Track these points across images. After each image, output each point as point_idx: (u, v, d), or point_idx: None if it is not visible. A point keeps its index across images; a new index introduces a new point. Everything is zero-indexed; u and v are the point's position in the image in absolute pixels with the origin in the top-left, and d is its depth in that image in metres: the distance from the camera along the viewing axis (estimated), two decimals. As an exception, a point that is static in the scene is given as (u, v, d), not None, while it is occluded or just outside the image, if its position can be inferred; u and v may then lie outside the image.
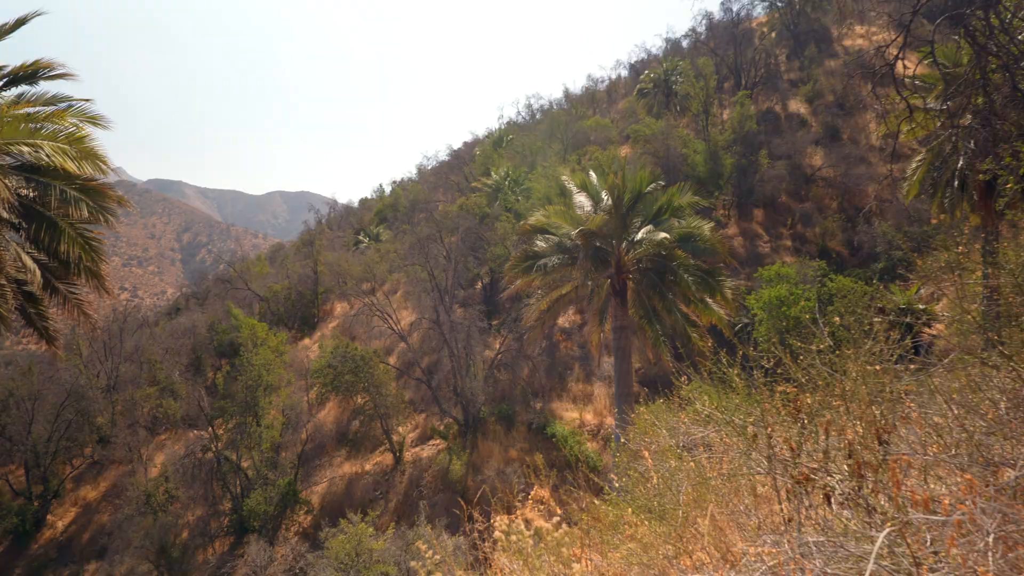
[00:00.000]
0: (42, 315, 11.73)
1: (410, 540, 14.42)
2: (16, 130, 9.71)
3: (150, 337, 39.29)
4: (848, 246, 30.73)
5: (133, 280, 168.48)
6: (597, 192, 17.68)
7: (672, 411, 6.00)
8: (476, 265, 32.71)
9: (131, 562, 21.37)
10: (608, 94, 64.70)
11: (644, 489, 4.45)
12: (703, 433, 4.51)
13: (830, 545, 2.77)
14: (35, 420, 28.82)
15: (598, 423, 23.48)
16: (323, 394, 26.69)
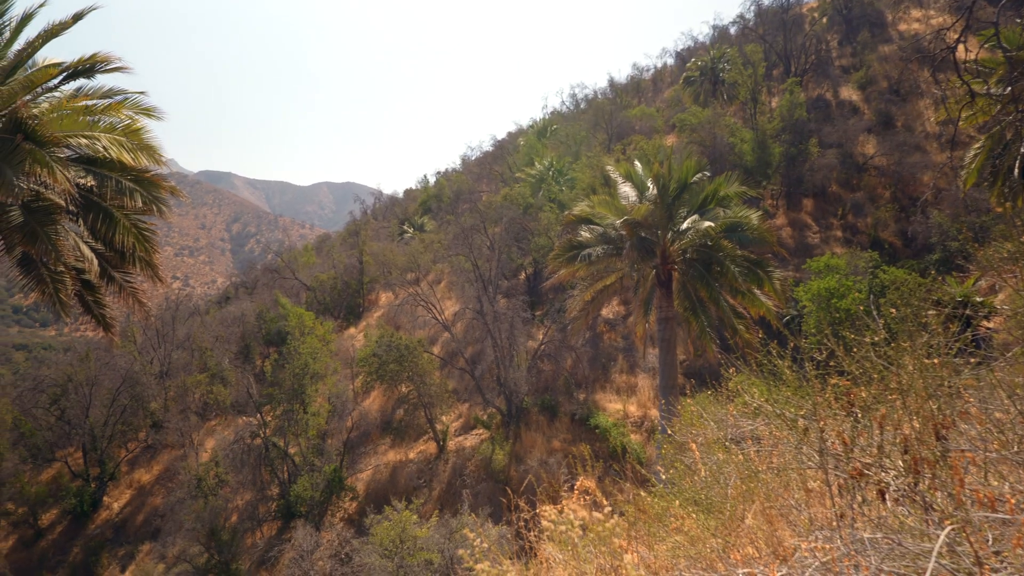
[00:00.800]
0: (99, 303, 12.08)
1: (453, 528, 14.52)
2: (75, 123, 10.00)
3: (201, 325, 40.25)
4: (902, 237, 29.90)
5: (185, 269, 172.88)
6: (642, 182, 17.49)
7: (719, 403, 5.91)
8: (519, 255, 32.71)
9: (183, 544, 21.94)
10: (654, 83, 63.93)
11: (691, 482, 4.39)
12: (752, 426, 4.42)
13: (886, 542, 2.69)
14: (92, 405, 29.79)
15: (642, 415, 23.33)
16: (368, 383, 27.03)
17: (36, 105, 10.33)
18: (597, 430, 22.24)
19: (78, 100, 10.56)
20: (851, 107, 40.10)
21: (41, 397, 32.73)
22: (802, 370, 4.26)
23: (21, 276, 10.97)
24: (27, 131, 9.47)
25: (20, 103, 9.58)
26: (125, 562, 25.02)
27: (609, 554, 3.71)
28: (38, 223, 9.49)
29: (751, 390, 4.78)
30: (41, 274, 10.30)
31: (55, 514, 29.27)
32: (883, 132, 36.22)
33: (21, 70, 10.61)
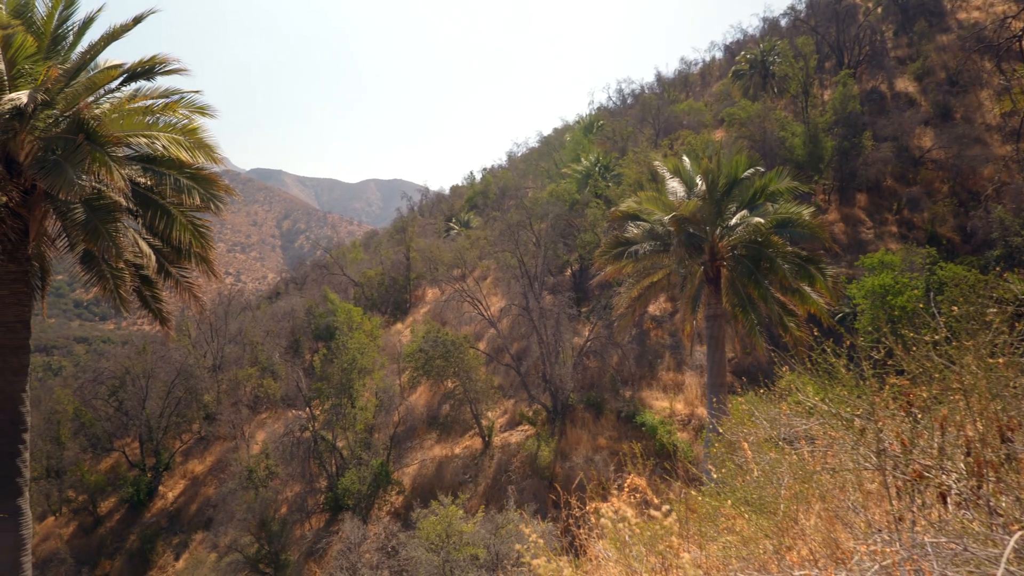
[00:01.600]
0: (156, 297, 12.43)
1: (499, 524, 14.57)
2: (134, 123, 10.29)
3: (252, 320, 41.14)
4: (960, 232, 28.94)
5: (237, 265, 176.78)
6: (690, 177, 17.27)
7: (770, 402, 5.80)
8: (565, 252, 32.62)
9: (234, 533, 22.45)
10: (702, 77, 63.09)
11: (743, 481, 4.31)
12: (805, 425, 4.33)
13: (949, 547, 2.60)
14: (149, 396, 30.70)
15: (689, 413, 23.07)
16: (415, 378, 27.29)
17: (98, 106, 10.66)
18: (643, 428, 22.06)
19: (137, 100, 10.87)
20: (907, 99, 38.95)
21: (101, 389, 33.90)
22: (858, 369, 4.15)
23: (83, 272, 11.37)
24: (89, 131, 9.78)
25: (83, 104, 9.90)
26: (179, 550, 25.72)
27: (662, 553, 3.67)
28: (100, 220, 9.79)
29: (805, 389, 4.68)
30: (102, 270, 10.64)
31: (113, 502, 30.26)
32: (941, 124, 35.08)
33: (84, 72, 10.97)
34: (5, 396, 10.51)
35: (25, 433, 10.70)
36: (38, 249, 11.25)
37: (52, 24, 11.05)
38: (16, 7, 10.69)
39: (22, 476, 10.56)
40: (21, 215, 10.42)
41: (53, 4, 10.99)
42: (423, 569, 13.80)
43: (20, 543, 10.42)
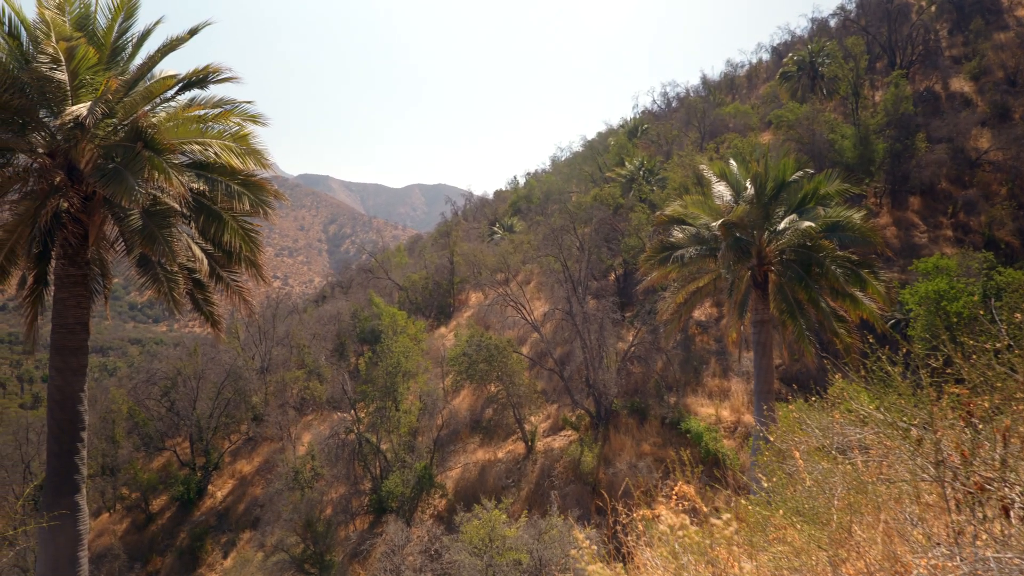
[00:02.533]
0: (208, 300, 12.74)
1: (542, 529, 14.52)
2: (189, 131, 10.60)
3: (299, 323, 41.83)
4: (1019, 236, 27.98)
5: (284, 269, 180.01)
6: (737, 181, 17.03)
7: (821, 410, 5.66)
8: (609, 256, 32.46)
9: (280, 533, 22.78)
10: (748, 79, 62.27)
11: (794, 491, 4.22)
12: (859, 434, 4.22)
13: (1014, 562, 2.51)
14: (199, 397, 31.39)
15: (735, 420, 22.70)
16: (458, 382, 27.41)
17: (155, 114, 10.98)
18: (688, 434, 21.79)
19: (192, 109, 11.19)
20: (963, 99, 37.84)
21: (153, 389, 34.81)
22: (915, 377, 4.03)
23: (139, 275, 11.72)
24: (146, 139, 10.09)
25: (141, 113, 10.21)
26: (227, 548, 26.21)
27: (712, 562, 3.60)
28: (156, 226, 10.09)
29: (859, 397, 4.56)
30: (157, 273, 10.94)
31: (164, 500, 30.99)
32: (999, 125, 33.99)
33: (142, 82, 11.31)
34: (65, 395, 10.87)
35: (83, 432, 11.05)
36: (97, 253, 11.63)
37: (112, 36, 11.42)
38: (78, 20, 11.08)
39: (80, 473, 10.91)
40: (81, 220, 10.78)
41: (113, 16, 11.37)
42: (466, 573, 13.82)
43: (77, 538, 10.76)
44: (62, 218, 10.67)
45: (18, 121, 10.40)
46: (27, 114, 10.30)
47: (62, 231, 10.75)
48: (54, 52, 9.55)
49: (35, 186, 10.57)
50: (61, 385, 10.91)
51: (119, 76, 11.05)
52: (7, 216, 10.52)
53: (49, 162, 10.54)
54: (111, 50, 11.46)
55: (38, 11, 10.43)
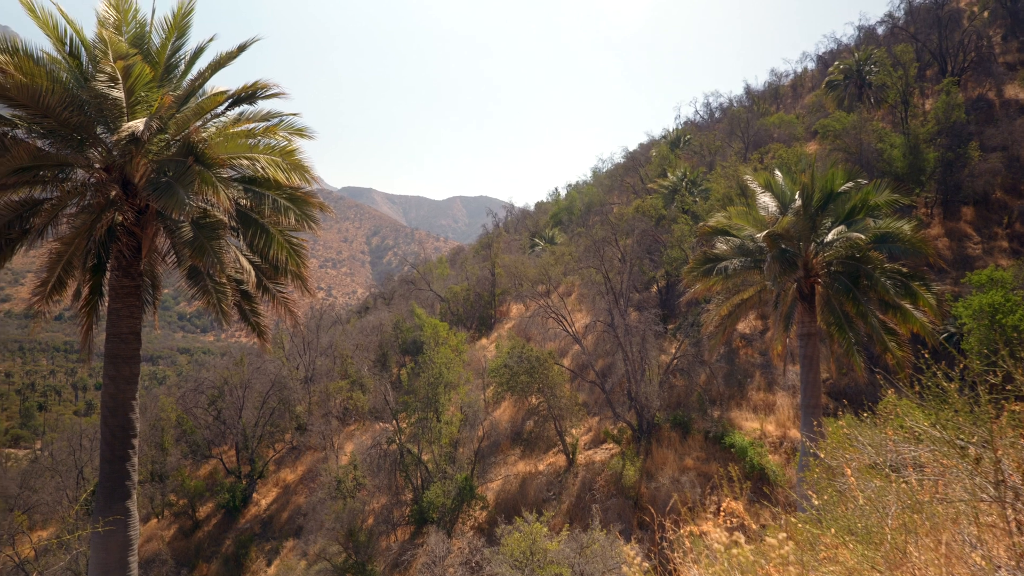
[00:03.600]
0: (255, 311, 12.99)
1: (584, 544, 14.38)
2: (238, 146, 10.86)
3: (342, 334, 42.34)
4: (1081, 248, 26.98)
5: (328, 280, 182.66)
6: (783, 192, 16.76)
7: (872, 426, 5.51)
8: (651, 268, 32.20)
9: (323, 542, 22.97)
10: (793, 89, 61.43)
11: (845, 509, 4.10)
12: (914, 452, 4.09)
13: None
14: (245, 406, 31.92)
15: (781, 435, 22.26)
16: (499, 393, 27.39)
17: (205, 129, 11.28)
18: (732, 449, 21.42)
19: (240, 124, 11.47)
20: (1018, 107, 36.71)
21: (201, 398, 35.54)
22: (972, 393, 3.90)
23: (189, 286, 12.01)
24: (197, 154, 10.38)
25: (192, 129, 10.51)
26: (271, 556, 26.51)
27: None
28: (206, 238, 10.34)
29: (913, 413, 4.42)
30: (206, 285, 11.20)
31: (211, 507, 31.52)
32: (1058, 133, 32.88)
33: (193, 98, 11.65)
34: (118, 403, 11.16)
35: (134, 439, 11.32)
36: (149, 265, 11.94)
37: (166, 53, 11.79)
38: (134, 38, 11.46)
39: (131, 479, 11.17)
40: (135, 233, 11.10)
41: (167, 35, 11.73)
42: (507, 586, 13.75)
43: (127, 543, 11.00)
44: (116, 231, 11.01)
45: (76, 137, 10.77)
46: (85, 130, 10.66)
47: (116, 243, 11.09)
48: (111, 71, 9.87)
49: (91, 200, 10.93)
50: (114, 393, 11.21)
51: (172, 92, 11.40)
52: (65, 229, 10.89)
53: (105, 176, 10.90)
54: (165, 67, 11.82)
55: (97, 31, 10.81)
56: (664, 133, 61.09)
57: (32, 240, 11.02)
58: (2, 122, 10.43)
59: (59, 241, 10.59)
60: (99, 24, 11.01)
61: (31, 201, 10.88)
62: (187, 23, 11.91)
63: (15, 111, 10.34)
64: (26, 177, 10.43)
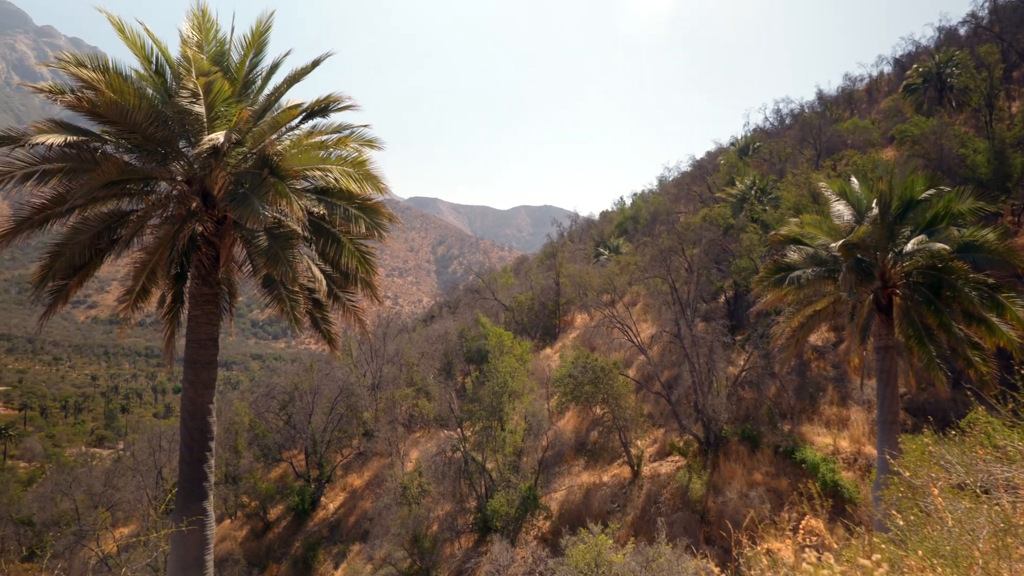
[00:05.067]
0: (326, 319, 13.32)
1: (650, 557, 14.16)
2: (311, 157, 11.19)
3: (408, 342, 42.92)
4: None
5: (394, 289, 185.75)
6: (858, 199, 16.23)
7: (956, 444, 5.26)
8: (719, 278, 31.62)
9: (388, 547, 23.24)
10: (868, 93, 59.49)
11: (931, 530, 3.93)
12: (1007, 472, 3.89)
13: None
14: (314, 412, 32.66)
15: (855, 451, 21.48)
16: (563, 403, 27.27)
17: (280, 142, 11.66)
18: (804, 465, 20.76)
19: (313, 136, 11.82)
20: (1116, 109, 34.75)
21: (272, 403, 36.54)
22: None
23: (263, 295, 12.39)
24: (272, 166, 10.74)
25: (268, 142, 10.88)
26: (338, 560, 26.96)
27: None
28: (280, 247, 10.66)
29: (1006, 432, 4.21)
30: (280, 293, 11.54)
31: (281, 509, 32.31)
32: None
33: (269, 112, 12.06)
34: (196, 407, 11.59)
35: (211, 441, 11.73)
36: (227, 273, 12.37)
37: (244, 70, 12.23)
38: (215, 56, 11.94)
39: (208, 481, 11.56)
40: (214, 243, 11.53)
41: (245, 52, 12.18)
42: (571, 597, 13.65)
43: (204, 542, 11.38)
44: (197, 241, 11.48)
45: (160, 152, 11.28)
46: (169, 145, 11.16)
47: (197, 253, 11.55)
48: (193, 87, 10.30)
49: (174, 211, 11.42)
50: (193, 397, 11.64)
51: (249, 107, 11.82)
52: (149, 239, 11.40)
53: (187, 189, 11.38)
54: (243, 83, 12.26)
55: (181, 50, 11.31)
56: (732, 140, 60.09)
57: (119, 250, 11.59)
58: (93, 138, 10.99)
59: (144, 251, 11.09)
60: (182, 43, 11.51)
61: (119, 213, 11.45)
62: (264, 40, 12.34)
63: (105, 127, 10.90)
64: (114, 190, 10.97)
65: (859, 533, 4.69)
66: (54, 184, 10.89)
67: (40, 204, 10.95)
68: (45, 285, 11.28)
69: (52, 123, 10.75)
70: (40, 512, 31.66)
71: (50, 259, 11.12)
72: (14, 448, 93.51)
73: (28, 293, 11.64)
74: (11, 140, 10.46)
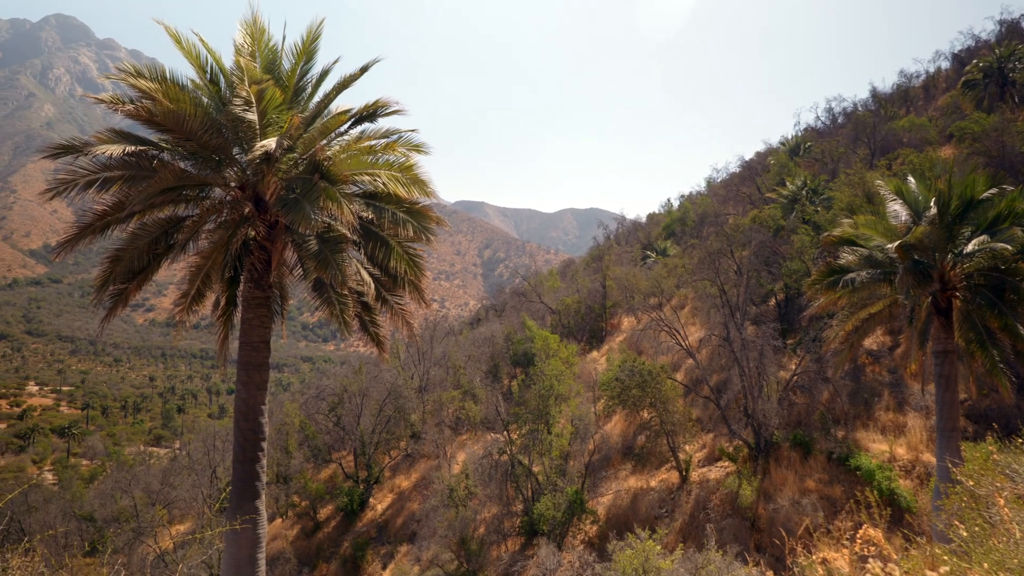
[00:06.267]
0: (374, 322, 13.47)
1: (699, 564, 13.96)
2: (360, 162, 11.37)
3: (455, 345, 43.18)
4: None
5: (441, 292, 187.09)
6: (915, 199, 15.76)
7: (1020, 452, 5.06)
8: (769, 281, 31.05)
9: (435, 549, 23.38)
10: (924, 90, 57.73)
11: (997, 542, 3.77)
12: (1078, 483, 3.72)
13: None
14: (363, 413, 33.06)
15: (912, 459, 20.84)
16: (610, 407, 27.09)
17: (329, 147, 11.87)
18: (858, 472, 20.21)
19: (362, 141, 12.00)
20: None
21: (322, 404, 37.14)
22: None
23: (313, 298, 12.61)
24: (323, 171, 10.93)
25: (318, 147, 11.09)
26: (386, 560, 27.23)
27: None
28: (329, 251, 10.85)
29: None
30: (330, 296, 11.72)
31: (330, 510, 32.78)
32: None
33: (319, 118, 12.28)
34: (249, 408, 11.84)
35: (263, 442, 11.96)
36: (278, 277, 12.62)
37: (295, 77, 12.46)
38: (267, 64, 12.20)
39: (260, 480, 11.79)
40: (266, 247, 11.78)
41: (296, 60, 12.41)
42: (619, 603, 13.54)
43: (257, 541, 11.61)
44: (250, 245, 11.75)
45: (215, 158, 11.58)
46: (223, 151, 11.45)
47: (249, 257, 11.82)
48: (247, 95, 10.53)
49: (228, 216, 11.69)
50: (246, 398, 11.90)
51: (300, 113, 12.04)
52: (204, 244, 11.70)
53: (240, 194, 11.64)
54: (294, 90, 12.49)
55: (234, 59, 11.58)
56: (783, 141, 58.92)
57: (175, 254, 11.93)
58: (151, 146, 11.34)
59: (199, 255, 11.38)
60: (236, 52, 11.79)
61: (175, 218, 11.79)
62: (314, 48, 12.55)
63: (162, 135, 11.24)
64: (171, 196, 11.29)
65: (919, 543, 4.54)
66: (114, 191, 11.28)
67: (101, 210, 11.35)
68: (106, 289, 11.67)
69: (113, 132, 11.12)
70: (101, 508, 32.76)
71: (110, 264, 11.51)
72: (77, 446, 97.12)
73: (90, 296, 12.05)
74: (75, 149, 10.86)
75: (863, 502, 5.08)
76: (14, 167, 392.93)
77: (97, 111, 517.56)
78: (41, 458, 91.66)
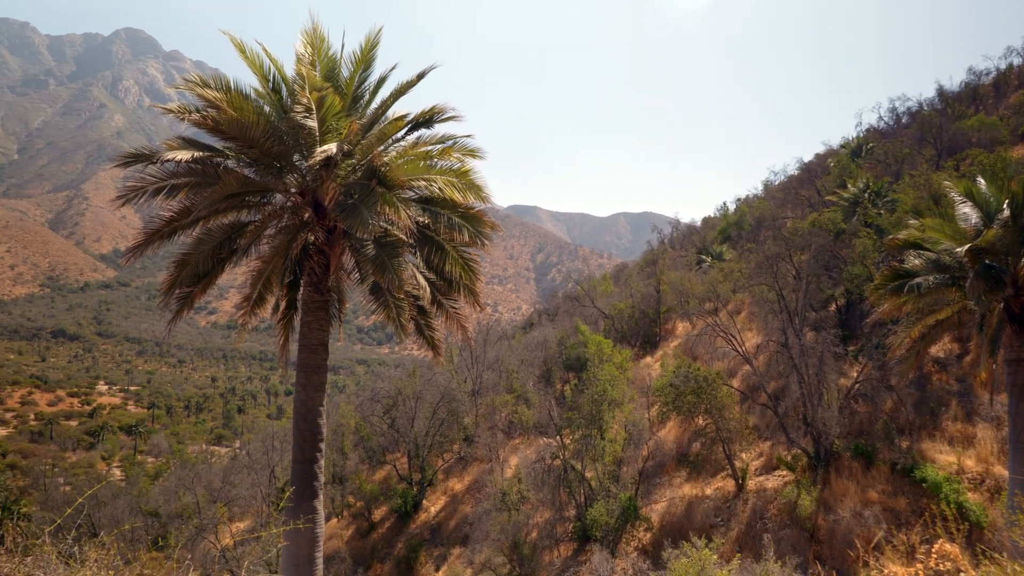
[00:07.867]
0: (429, 326, 13.63)
1: (757, 575, 13.68)
2: (416, 168, 11.52)
3: (508, 349, 43.27)
4: None
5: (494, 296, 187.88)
6: (986, 201, 15.18)
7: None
8: (830, 285, 30.26)
9: (488, 552, 23.44)
10: (995, 88, 55.47)
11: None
12: None
13: None
14: (417, 416, 33.41)
15: (983, 471, 20.02)
16: (664, 413, 26.75)
17: (387, 153, 12.07)
18: (924, 484, 19.50)
19: (418, 147, 12.16)
20: None
21: (377, 407, 37.67)
22: None
23: (369, 302, 12.84)
24: (380, 177, 11.12)
25: (375, 153, 11.28)
26: (439, 562, 27.42)
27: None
28: (386, 255, 11.02)
29: None
30: (386, 300, 11.91)
31: (385, 511, 33.19)
32: None
33: (377, 125, 12.49)
34: (307, 409, 12.08)
35: (322, 443, 12.20)
36: (336, 281, 12.87)
37: (353, 84, 12.71)
38: (327, 72, 12.46)
39: (318, 480, 12.02)
40: (324, 252, 12.03)
41: (355, 68, 12.65)
42: (674, 612, 13.35)
43: (315, 540, 11.83)
44: (309, 249, 12.02)
45: (276, 165, 11.88)
46: (284, 158, 11.74)
47: (309, 261, 12.08)
48: (307, 102, 10.77)
49: (288, 221, 11.99)
50: (304, 399, 12.15)
51: (358, 120, 12.25)
52: (265, 248, 12.01)
53: (300, 200, 11.93)
54: (352, 97, 12.73)
55: (295, 67, 11.86)
56: (843, 142, 57.41)
57: (238, 259, 12.27)
58: (216, 153, 11.70)
59: (260, 259, 11.69)
60: (297, 61, 12.06)
61: (238, 224, 12.13)
62: (372, 55, 12.75)
63: (226, 143, 11.59)
64: (234, 202, 11.62)
65: (996, 559, 4.35)
66: (181, 197, 11.68)
67: (168, 216, 11.76)
68: (172, 292, 12.08)
69: (180, 140, 11.52)
70: (165, 505, 33.85)
71: (177, 268, 11.90)
72: (143, 444, 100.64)
73: (157, 300, 12.50)
74: (144, 158, 11.29)
75: (937, 515, 4.87)
76: (87, 175, 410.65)
77: (164, 121, 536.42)
78: (110, 455, 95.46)
